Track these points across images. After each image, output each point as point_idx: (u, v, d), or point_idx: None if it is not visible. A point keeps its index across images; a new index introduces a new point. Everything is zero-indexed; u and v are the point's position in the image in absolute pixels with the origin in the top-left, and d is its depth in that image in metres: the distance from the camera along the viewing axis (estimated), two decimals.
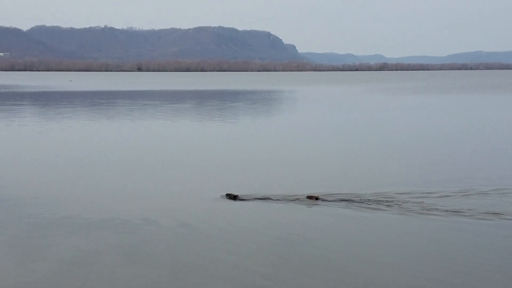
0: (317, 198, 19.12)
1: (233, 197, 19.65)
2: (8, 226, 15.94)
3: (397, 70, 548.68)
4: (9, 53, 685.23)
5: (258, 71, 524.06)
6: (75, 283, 12.01)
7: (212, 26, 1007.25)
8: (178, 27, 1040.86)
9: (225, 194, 19.91)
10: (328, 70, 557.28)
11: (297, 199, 19.15)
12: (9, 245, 14.37)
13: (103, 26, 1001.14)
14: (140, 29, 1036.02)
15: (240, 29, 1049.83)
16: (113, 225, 16.12)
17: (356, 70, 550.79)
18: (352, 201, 18.81)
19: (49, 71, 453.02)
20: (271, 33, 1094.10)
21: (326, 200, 19.10)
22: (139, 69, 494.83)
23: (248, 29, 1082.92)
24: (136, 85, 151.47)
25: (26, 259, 13.40)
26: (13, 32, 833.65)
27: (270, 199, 19.27)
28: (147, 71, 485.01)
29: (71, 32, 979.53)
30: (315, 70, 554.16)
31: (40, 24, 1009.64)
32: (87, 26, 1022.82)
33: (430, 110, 60.78)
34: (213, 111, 60.44)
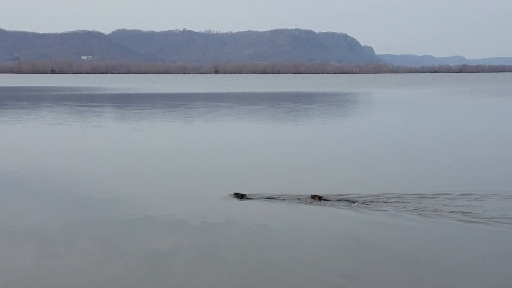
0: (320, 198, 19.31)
1: (240, 196, 19.77)
2: (88, 225, 16.30)
3: (477, 72, 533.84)
4: (91, 56, 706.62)
5: (334, 73, 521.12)
6: (152, 281, 12.20)
7: (289, 28, 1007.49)
8: (255, 30, 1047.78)
9: (232, 193, 20.05)
10: (406, 72, 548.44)
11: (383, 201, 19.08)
12: (88, 243, 14.68)
13: (182, 29, 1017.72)
14: (218, 32, 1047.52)
15: (316, 31, 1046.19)
16: (187, 226, 16.33)
17: (435, 72, 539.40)
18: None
19: (129, 73, 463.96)
20: (348, 34, 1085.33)
21: (328, 200, 19.17)
22: (216, 72, 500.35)
23: (325, 31, 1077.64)
24: (213, 87, 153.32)
25: (105, 257, 13.67)
26: (96, 36, 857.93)
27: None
28: (224, 73, 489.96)
29: (151, 35, 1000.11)
30: (392, 72, 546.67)
31: (121, 27, 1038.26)
32: (167, 29, 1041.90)
33: (502, 112, 59.09)
34: (285, 113, 60.59)
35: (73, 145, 33.96)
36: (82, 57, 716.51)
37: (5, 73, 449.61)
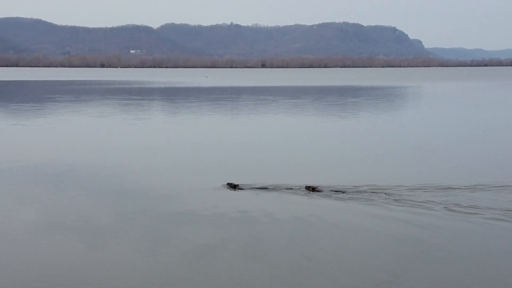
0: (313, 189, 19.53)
1: (233, 187, 20.17)
2: (136, 218, 16.50)
3: None
4: (140, 51, 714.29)
5: (382, 67, 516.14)
6: (198, 275, 12.29)
7: (337, 22, 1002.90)
8: (303, 24, 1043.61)
9: (226, 183, 20.47)
10: (455, 66, 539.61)
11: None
12: (136, 236, 14.85)
13: (229, 23, 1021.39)
14: (265, 26, 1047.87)
15: (365, 24, 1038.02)
16: (232, 219, 16.42)
17: (485, 65, 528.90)
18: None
19: (177, 67, 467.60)
20: (397, 28, 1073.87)
21: (321, 191, 19.39)
22: (263, 66, 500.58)
23: (373, 24, 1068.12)
24: (260, 81, 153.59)
25: (152, 250, 13.82)
26: (144, 30, 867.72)
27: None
28: (271, 67, 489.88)
29: (199, 30, 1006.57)
30: (442, 66, 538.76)
31: (169, 22, 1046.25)
32: (214, 23, 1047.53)
33: None
34: (328, 106, 60.58)
35: (121, 138, 34.64)
36: (131, 51, 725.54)
37: (56, 67, 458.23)
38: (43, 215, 16.82)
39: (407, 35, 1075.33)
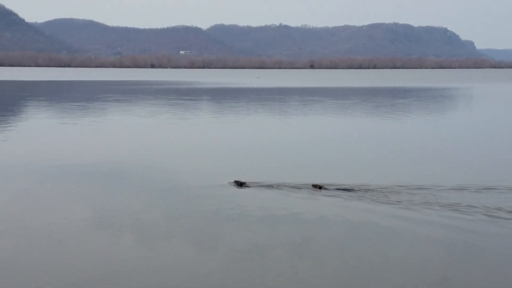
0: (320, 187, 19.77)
1: (240, 184, 20.46)
2: (186, 217, 16.59)
3: None
4: (189, 51, 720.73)
5: (433, 68, 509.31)
6: (248, 274, 12.33)
7: (387, 22, 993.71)
8: (352, 24, 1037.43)
9: (233, 180, 20.81)
10: (508, 67, 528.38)
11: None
12: (186, 235, 14.94)
13: (278, 24, 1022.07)
14: (314, 26, 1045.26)
15: (415, 25, 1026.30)
16: (282, 219, 16.39)
17: None
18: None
19: (225, 68, 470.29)
20: (448, 29, 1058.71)
21: (328, 189, 19.56)
22: (312, 66, 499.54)
23: (424, 25, 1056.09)
24: (309, 82, 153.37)
25: (202, 249, 13.89)
26: (194, 31, 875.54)
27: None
28: (319, 68, 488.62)
29: (248, 30, 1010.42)
30: (494, 67, 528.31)
31: (219, 23, 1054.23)
32: (263, 24, 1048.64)
33: None
34: (374, 107, 60.09)
35: (170, 138, 35.02)
36: (181, 51, 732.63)
37: (107, 67, 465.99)
38: (93, 213, 17.06)
39: (458, 36, 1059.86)
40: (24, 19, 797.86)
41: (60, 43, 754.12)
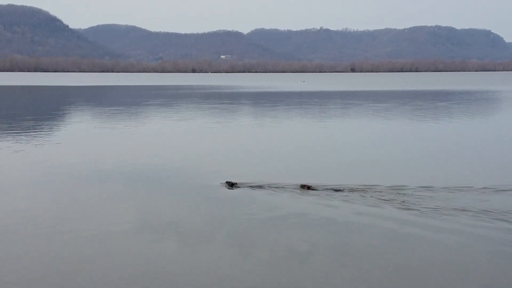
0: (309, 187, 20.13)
1: (231, 185, 20.88)
2: (225, 221, 16.66)
3: None
4: (230, 56, 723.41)
5: (476, 71, 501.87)
6: (288, 279, 12.34)
7: (428, 25, 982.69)
8: (393, 27, 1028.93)
9: (225, 181, 21.31)
10: None
11: None
12: (226, 238, 15.02)
13: (318, 28, 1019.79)
14: (355, 30, 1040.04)
15: (458, 27, 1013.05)
16: (321, 223, 16.35)
17: None
18: None
19: (266, 72, 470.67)
20: (492, 31, 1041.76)
21: (317, 190, 19.91)
22: (352, 70, 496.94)
23: (467, 27, 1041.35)
24: (350, 86, 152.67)
25: (242, 253, 13.94)
26: (235, 36, 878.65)
27: None
28: (360, 71, 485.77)
29: (288, 34, 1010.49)
30: None
31: (259, 27, 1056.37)
32: (304, 28, 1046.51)
33: None
34: (412, 110, 59.64)
35: (210, 142, 35.24)
36: (222, 56, 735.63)
37: (149, 72, 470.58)
38: (136, 216, 17.28)
39: (502, 38, 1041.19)
40: (68, 26, 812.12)
41: (103, 48, 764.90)
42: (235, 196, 19.85)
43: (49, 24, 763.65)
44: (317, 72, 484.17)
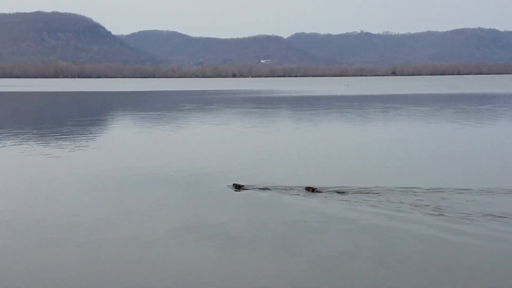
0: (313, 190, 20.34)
1: (238, 187, 21.26)
2: (268, 224, 16.72)
3: None
4: (270, 60, 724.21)
5: None
6: (329, 283, 12.37)
7: (471, 27, 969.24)
8: (435, 30, 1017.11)
9: (232, 184, 21.70)
10: None
11: None
12: (269, 242, 15.05)
13: (359, 32, 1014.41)
14: (396, 33, 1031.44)
15: (502, 29, 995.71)
16: (364, 228, 16.28)
17: None
18: None
19: (306, 76, 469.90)
20: None
21: (322, 192, 20.16)
22: (394, 73, 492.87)
23: (511, 29, 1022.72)
24: (391, 89, 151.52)
25: (285, 257, 13.95)
26: (275, 40, 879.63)
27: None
28: (402, 75, 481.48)
29: (329, 38, 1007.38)
30: None
31: (299, 31, 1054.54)
32: (344, 32, 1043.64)
33: None
34: (453, 114, 58.99)
35: (248, 146, 35.64)
36: (262, 61, 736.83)
37: (190, 77, 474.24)
38: (177, 220, 17.42)
39: None
40: (110, 32, 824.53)
41: (145, 54, 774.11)
42: (275, 198, 19.95)
43: (92, 31, 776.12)
44: (358, 76, 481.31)
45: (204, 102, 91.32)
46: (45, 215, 18.12)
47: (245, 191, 21.01)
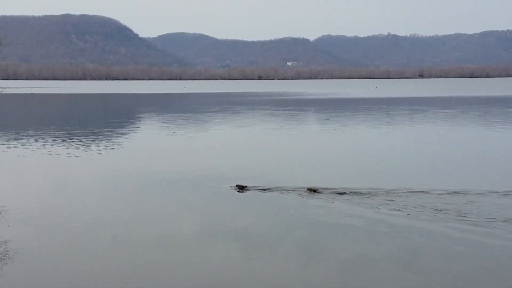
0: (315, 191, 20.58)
1: (241, 188, 21.39)
2: (292, 228, 16.72)
3: None
4: (296, 63, 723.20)
5: None
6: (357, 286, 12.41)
7: (500, 30, 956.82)
8: (463, 32, 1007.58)
9: (235, 185, 21.87)
10: None
11: None
12: (292, 246, 15.07)
13: (386, 34, 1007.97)
14: (423, 35, 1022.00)
15: None
16: (389, 231, 16.24)
17: None
18: None
19: (332, 79, 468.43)
20: None
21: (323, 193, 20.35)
22: (421, 76, 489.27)
23: None
24: (418, 92, 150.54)
25: (308, 260, 13.98)
26: (301, 42, 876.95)
27: None
28: (429, 77, 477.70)
29: (355, 41, 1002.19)
30: None
31: (326, 33, 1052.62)
32: (371, 34, 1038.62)
33: None
34: (480, 116, 58.59)
35: (271, 148, 35.90)
36: (288, 63, 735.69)
37: (216, 79, 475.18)
38: (202, 223, 17.55)
39: None
40: (138, 34, 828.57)
41: (172, 56, 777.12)
42: (300, 201, 19.95)
43: (120, 33, 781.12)
44: (384, 78, 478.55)
45: (230, 104, 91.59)
46: (71, 216, 18.37)
47: (265, 193, 21.13)
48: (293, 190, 21.13)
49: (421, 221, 17.00)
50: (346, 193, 20.38)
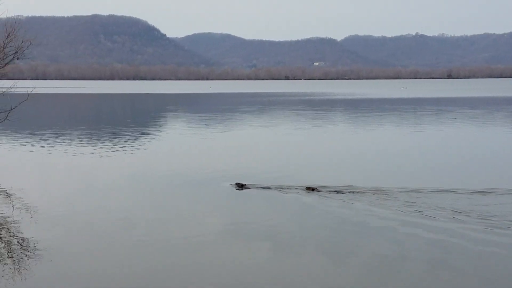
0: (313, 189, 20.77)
1: (240, 186, 21.60)
2: (319, 228, 16.77)
3: None
4: (323, 63, 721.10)
5: None
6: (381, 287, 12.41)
7: None
8: (492, 32, 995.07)
9: (235, 183, 22.07)
10: None
11: None
12: (319, 245, 15.17)
13: (414, 34, 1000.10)
14: (452, 35, 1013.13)
15: None
16: (412, 232, 16.16)
17: None
18: None
19: (359, 79, 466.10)
20: None
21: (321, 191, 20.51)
22: (449, 76, 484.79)
23: None
24: (446, 92, 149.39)
25: (334, 260, 14.05)
26: (328, 42, 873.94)
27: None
28: (457, 78, 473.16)
29: (383, 41, 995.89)
30: None
31: (353, 33, 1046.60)
32: (399, 34, 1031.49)
33: None
34: (507, 116, 57.96)
35: (295, 148, 35.97)
36: (315, 63, 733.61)
37: (243, 79, 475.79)
38: (227, 222, 17.67)
39: None
40: (165, 35, 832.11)
41: (199, 56, 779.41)
42: (324, 202, 19.89)
43: (147, 34, 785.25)
44: (412, 78, 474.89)
45: (256, 104, 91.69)
46: (98, 215, 18.63)
47: (298, 196, 21.09)
48: (337, 192, 20.95)
49: (439, 222, 16.99)
50: (367, 192, 20.41)
